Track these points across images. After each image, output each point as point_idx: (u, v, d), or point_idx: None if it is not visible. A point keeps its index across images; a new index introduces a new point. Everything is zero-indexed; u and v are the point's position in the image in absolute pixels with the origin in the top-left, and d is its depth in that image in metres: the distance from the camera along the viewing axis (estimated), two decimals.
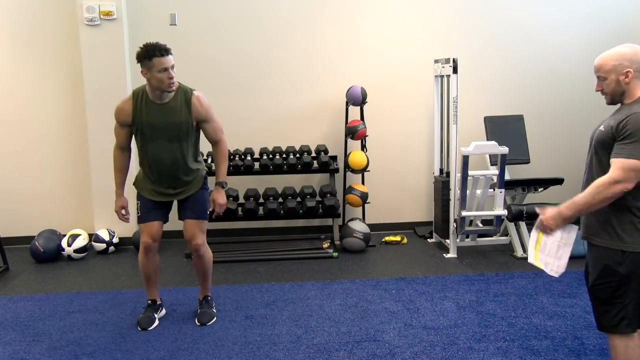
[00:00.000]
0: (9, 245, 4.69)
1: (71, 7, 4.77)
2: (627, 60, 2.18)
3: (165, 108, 3.10)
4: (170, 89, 3.06)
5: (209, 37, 5.04)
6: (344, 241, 4.76)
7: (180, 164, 3.19)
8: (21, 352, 3.06)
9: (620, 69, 2.18)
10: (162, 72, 2.98)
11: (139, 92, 3.14)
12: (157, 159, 3.18)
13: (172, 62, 3.02)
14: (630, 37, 5.33)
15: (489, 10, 5.23)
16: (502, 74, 5.24)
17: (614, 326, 2.19)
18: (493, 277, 4.06)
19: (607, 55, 2.24)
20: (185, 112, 3.12)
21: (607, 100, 2.28)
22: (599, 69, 2.26)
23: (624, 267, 2.13)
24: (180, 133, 3.14)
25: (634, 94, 2.18)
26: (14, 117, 4.96)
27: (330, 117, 5.20)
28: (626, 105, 2.20)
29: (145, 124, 3.11)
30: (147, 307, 3.42)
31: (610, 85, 2.22)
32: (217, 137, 3.27)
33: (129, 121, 3.13)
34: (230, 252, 4.72)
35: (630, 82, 2.18)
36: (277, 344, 3.08)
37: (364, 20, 5.15)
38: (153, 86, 3.05)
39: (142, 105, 3.10)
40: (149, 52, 2.97)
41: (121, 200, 3.28)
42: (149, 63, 2.98)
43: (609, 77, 2.22)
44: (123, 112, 3.14)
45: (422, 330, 3.22)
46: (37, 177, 5.05)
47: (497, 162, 4.45)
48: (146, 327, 3.30)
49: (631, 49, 2.21)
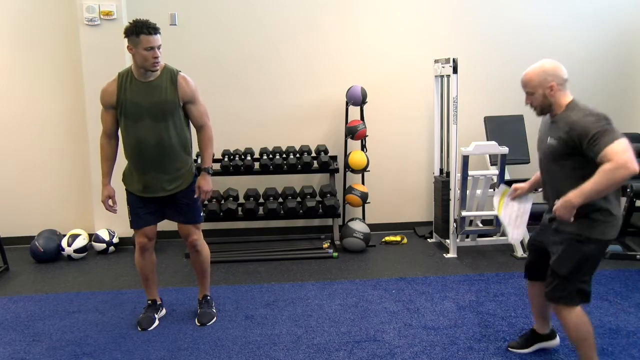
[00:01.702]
0: (9, 245, 4.69)
1: (71, 7, 4.77)
2: (550, 75, 2.42)
3: (150, 86, 3.06)
4: (154, 68, 3.02)
5: (209, 37, 5.04)
6: (344, 241, 4.76)
7: (166, 146, 3.09)
8: (21, 352, 3.06)
9: (545, 84, 2.42)
10: (147, 50, 2.95)
11: (124, 73, 3.11)
12: (142, 140, 3.08)
13: (159, 42, 3.00)
14: (630, 37, 5.36)
15: (489, 10, 5.24)
16: (502, 74, 5.24)
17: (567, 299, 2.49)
18: (493, 277, 4.06)
19: (532, 72, 2.47)
20: (171, 91, 3.07)
21: (537, 112, 2.53)
22: (526, 84, 2.48)
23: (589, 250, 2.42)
24: (165, 112, 3.07)
25: (561, 104, 2.44)
26: (14, 117, 4.96)
27: (330, 117, 5.21)
28: (559, 115, 2.45)
29: (130, 103, 3.05)
30: (147, 307, 3.42)
31: (539, 99, 2.46)
32: (203, 121, 3.20)
33: (113, 101, 3.08)
34: (230, 252, 4.72)
35: (555, 94, 2.43)
36: (277, 344, 3.08)
37: (364, 20, 5.15)
38: (137, 63, 3.02)
39: (127, 84, 3.07)
40: (136, 28, 2.95)
41: (107, 189, 3.21)
42: (135, 39, 2.95)
43: (536, 91, 2.45)
44: (107, 92, 3.09)
45: (422, 330, 3.22)
46: (37, 177, 5.05)
47: (497, 162, 4.45)
48: (146, 327, 3.30)
49: (552, 64, 2.45)
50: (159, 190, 3.17)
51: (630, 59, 5.43)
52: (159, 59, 3.01)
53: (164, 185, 3.16)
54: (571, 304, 2.50)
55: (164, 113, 3.07)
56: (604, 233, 2.42)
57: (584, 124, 2.31)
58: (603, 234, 2.42)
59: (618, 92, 5.42)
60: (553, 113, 2.49)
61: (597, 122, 2.29)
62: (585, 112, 2.36)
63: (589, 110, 2.38)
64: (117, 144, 3.22)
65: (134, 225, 3.26)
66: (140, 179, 3.17)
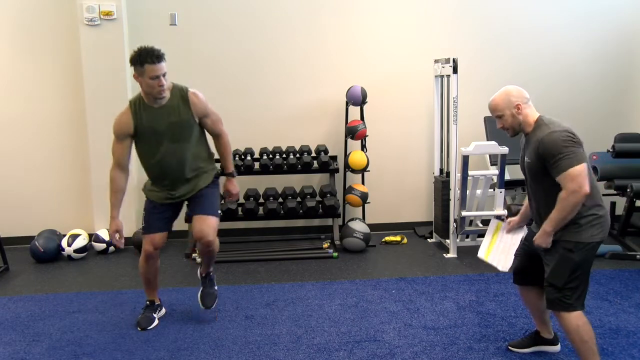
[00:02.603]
0: (9, 245, 4.68)
1: (71, 7, 4.77)
2: (513, 96, 2.59)
3: (164, 109, 3.08)
4: (160, 96, 3.03)
5: (209, 37, 5.04)
6: (344, 241, 4.76)
7: (187, 163, 3.17)
8: (21, 352, 3.06)
9: (511, 105, 2.58)
10: (153, 79, 2.96)
11: (135, 101, 3.12)
12: (164, 164, 3.14)
13: (164, 70, 2.98)
14: (630, 37, 5.36)
15: (489, 10, 5.24)
16: (502, 74, 5.23)
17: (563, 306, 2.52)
18: (493, 277, 4.06)
19: (497, 97, 2.63)
20: (184, 110, 3.10)
21: (510, 133, 2.66)
22: (494, 109, 2.64)
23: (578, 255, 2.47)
24: (183, 132, 3.12)
25: (529, 122, 2.59)
26: (14, 117, 4.96)
27: (330, 117, 5.20)
28: (529, 134, 2.59)
29: (147, 129, 3.08)
30: (146, 307, 3.43)
31: (508, 120, 2.61)
32: (218, 130, 3.27)
33: (130, 131, 3.09)
34: (230, 252, 4.72)
35: (522, 112, 2.58)
36: (277, 344, 3.08)
37: (364, 20, 5.15)
38: (144, 91, 3.04)
39: (141, 111, 3.08)
40: (141, 57, 2.94)
41: (116, 223, 3.19)
42: (140, 69, 2.96)
43: (504, 113, 2.60)
44: (122, 122, 3.10)
45: (422, 330, 3.22)
46: (37, 177, 5.05)
47: (497, 162, 4.45)
48: (146, 327, 3.30)
49: (514, 87, 2.62)
50: (184, 193, 3.25)
51: (630, 59, 5.43)
52: (164, 86, 3.01)
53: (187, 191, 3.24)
54: (572, 309, 2.53)
55: (182, 133, 3.12)
56: (593, 236, 2.48)
57: (547, 144, 2.44)
58: (590, 237, 2.48)
59: (618, 92, 5.42)
60: (525, 132, 2.63)
61: (560, 143, 2.41)
62: (550, 129, 2.47)
63: (554, 126, 2.49)
64: (127, 175, 3.23)
65: (146, 231, 3.26)
66: (164, 193, 3.23)
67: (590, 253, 2.51)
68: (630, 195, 4.41)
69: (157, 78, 2.96)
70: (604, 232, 2.51)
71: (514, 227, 2.89)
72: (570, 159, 2.39)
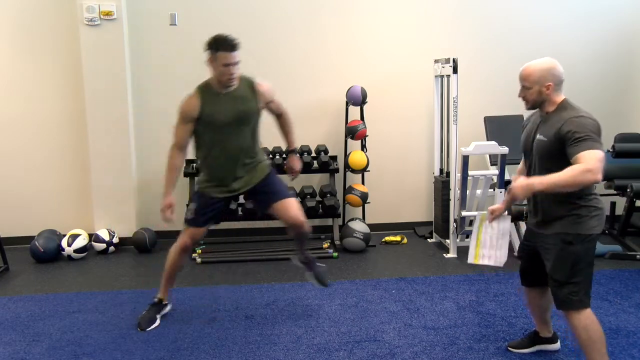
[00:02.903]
0: (9, 245, 4.68)
1: (71, 7, 4.76)
2: (549, 74, 2.45)
3: (232, 97, 3.12)
4: (230, 84, 3.08)
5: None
6: (344, 241, 4.76)
7: (247, 150, 3.20)
8: (21, 352, 3.06)
9: (543, 82, 2.45)
10: (225, 66, 3.00)
11: (203, 86, 3.15)
12: (225, 149, 3.15)
13: (238, 59, 3.02)
14: (630, 37, 5.36)
15: (489, 10, 5.24)
16: (502, 74, 5.23)
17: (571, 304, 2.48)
18: (493, 277, 4.06)
19: (532, 67, 2.49)
20: (252, 99, 3.16)
21: (528, 106, 2.55)
22: (525, 78, 2.50)
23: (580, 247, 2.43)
24: (249, 120, 3.17)
25: (554, 102, 2.48)
26: (14, 116, 4.96)
27: (330, 117, 5.20)
28: (551, 113, 2.48)
29: (213, 114, 3.10)
30: (152, 305, 3.40)
31: (533, 95, 2.49)
32: (282, 109, 3.39)
33: (195, 114, 3.09)
34: (230, 252, 4.72)
35: (550, 93, 2.46)
36: (277, 344, 3.08)
37: (364, 20, 5.15)
38: (215, 77, 3.08)
39: (208, 97, 3.11)
40: (217, 43, 3.01)
41: (169, 198, 3.17)
42: (214, 54, 3.01)
43: (533, 87, 2.47)
44: (190, 106, 3.10)
45: (422, 330, 3.22)
46: (37, 177, 5.05)
47: (497, 162, 4.45)
48: (145, 328, 3.29)
49: (552, 63, 2.48)
50: (243, 185, 3.24)
51: (630, 59, 5.43)
52: (234, 75, 3.04)
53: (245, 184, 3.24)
54: (581, 306, 2.48)
55: (247, 121, 3.16)
56: (591, 228, 2.44)
57: (576, 123, 2.34)
58: (590, 228, 2.44)
59: (618, 92, 5.42)
60: (544, 110, 2.52)
61: (589, 127, 2.33)
62: (580, 112, 2.40)
63: (583, 111, 2.42)
64: (185, 156, 3.24)
65: (191, 223, 3.25)
66: (220, 185, 3.22)
67: (592, 245, 2.47)
68: (630, 195, 4.41)
69: (229, 66, 3.00)
70: (601, 224, 2.48)
71: (497, 215, 2.72)
72: (595, 143, 2.29)
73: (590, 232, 2.44)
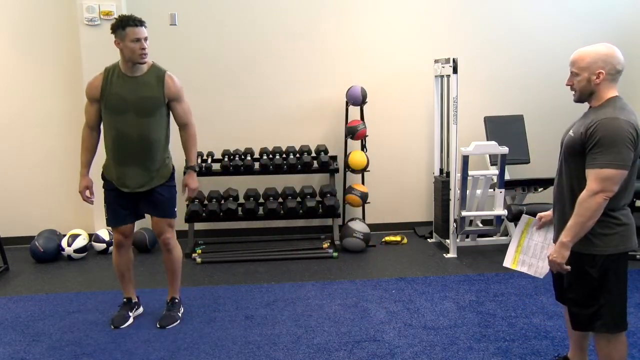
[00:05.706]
0: (9, 245, 4.68)
1: (71, 7, 4.77)
2: (602, 60, 2.17)
3: (137, 81, 3.11)
4: (142, 60, 3.07)
5: (208, 37, 5.04)
6: (344, 241, 4.76)
7: (147, 141, 3.14)
8: (21, 352, 3.06)
9: (594, 68, 2.16)
10: (134, 42, 3.01)
11: (111, 67, 3.16)
12: (124, 134, 3.12)
13: (146, 34, 3.06)
14: (630, 37, 5.36)
15: (489, 10, 5.24)
16: (502, 74, 5.24)
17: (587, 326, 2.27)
18: (493, 277, 4.06)
19: (585, 52, 2.20)
20: (157, 88, 3.13)
21: (575, 97, 2.27)
22: (574, 63, 2.23)
23: (596, 270, 2.18)
24: (150, 108, 3.11)
25: (602, 96, 2.19)
26: (14, 116, 4.96)
27: (330, 117, 5.20)
28: (593, 108, 2.21)
29: (114, 96, 3.09)
30: (123, 305, 3.44)
31: (582, 83, 2.20)
32: (187, 119, 3.25)
33: (97, 95, 3.12)
34: (230, 252, 4.72)
35: (600, 83, 2.17)
36: (277, 344, 3.08)
37: (364, 20, 5.15)
38: (125, 57, 3.06)
39: (113, 78, 3.11)
40: (122, 21, 3.03)
41: (85, 179, 3.27)
42: (122, 32, 3.01)
43: (582, 74, 2.19)
44: (93, 86, 3.14)
45: (422, 330, 3.22)
46: (37, 176, 5.05)
47: (497, 162, 4.45)
48: (119, 326, 3.31)
49: (609, 49, 2.20)
50: (137, 186, 3.21)
51: (630, 59, 5.35)
52: (146, 50, 3.05)
53: (143, 180, 3.20)
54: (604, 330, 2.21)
55: (148, 109, 3.12)
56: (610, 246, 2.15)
57: (601, 127, 2.08)
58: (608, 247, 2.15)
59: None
60: (590, 105, 2.24)
61: (613, 136, 2.06)
62: (615, 114, 2.10)
63: (623, 113, 2.12)
64: (98, 136, 3.27)
65: (111, 223, 3.31)
66: (119, 172, 3.20)
67: (615, 265, 2.16)
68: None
69: (139, 41, 3.02)
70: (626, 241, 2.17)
71: (545, 223, 2.51)
72: (609, 157, 2.05)
73: (607, 252, 2.15)
